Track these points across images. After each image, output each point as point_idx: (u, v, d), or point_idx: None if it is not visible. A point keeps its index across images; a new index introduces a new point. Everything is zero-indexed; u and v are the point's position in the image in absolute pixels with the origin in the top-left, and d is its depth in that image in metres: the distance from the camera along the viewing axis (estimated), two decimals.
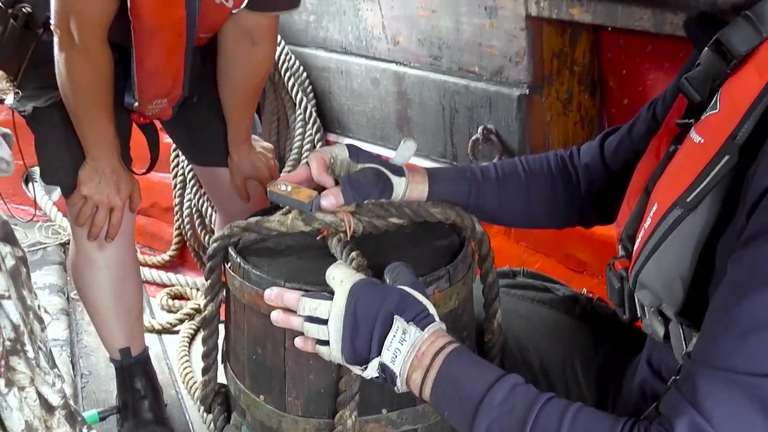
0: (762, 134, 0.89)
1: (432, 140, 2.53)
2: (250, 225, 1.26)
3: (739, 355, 0.82)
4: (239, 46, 1.96)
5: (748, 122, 0.90)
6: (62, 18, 1.73)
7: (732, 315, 0.83)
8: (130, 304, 2.18)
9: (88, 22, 1.74)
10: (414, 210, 1.29)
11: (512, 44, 2.23)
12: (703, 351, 0.86)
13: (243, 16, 1.88)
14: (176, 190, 3.02)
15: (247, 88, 2.05)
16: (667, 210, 0.98)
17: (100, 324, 2.19)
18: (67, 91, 1.83)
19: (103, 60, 1.81)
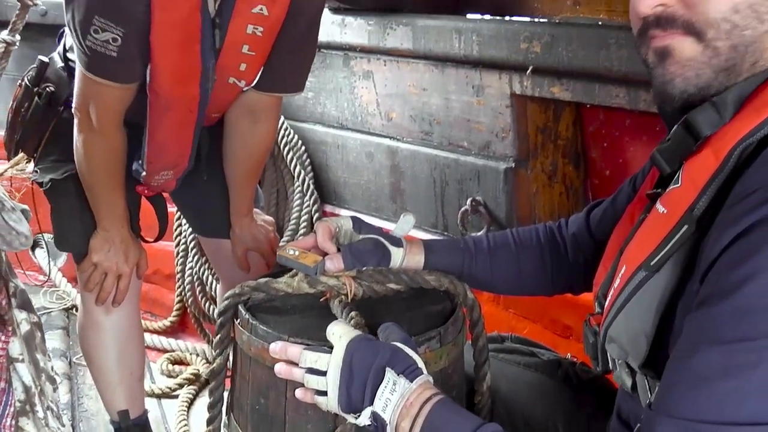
0: (716, 208, 0.98)
1: (424, 211, 2.60)
2: (260, 285, 1.37)
3: (691, 405, 0.90)
4: (244, 123, 2.05)
5: (704, 197, 1.00)
6: (83, 103, 1.84)
7: (685, 369, 0.92)
8: (132, 367, 2.23)
9: (106, 108, 1.84)
10: (411, 277, 1.39)
11: (498, 120, 2.33)
12: (661, 401, 0.95)
13: (249, 96, 1.99)
14: (178, 257, 3.08)
15: (249, 163, 2.13)
16: (634, 272, 1.07)
17: (102, 385, 2.23)
18: (84, 168, 1.93)
19: (118, 141, 1.91)
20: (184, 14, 1.73)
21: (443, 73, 2.45)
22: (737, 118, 1.01)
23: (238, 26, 1.81)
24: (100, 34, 1.69)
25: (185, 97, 1.86)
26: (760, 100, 0.99)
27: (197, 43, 1.77)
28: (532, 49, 2.14)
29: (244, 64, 1.88)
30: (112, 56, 1.72)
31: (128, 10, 1.69)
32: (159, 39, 1.74)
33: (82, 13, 1.69)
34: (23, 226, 1.58)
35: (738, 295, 0.88)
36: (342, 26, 2.64)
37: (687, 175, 1.05)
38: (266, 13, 1.81)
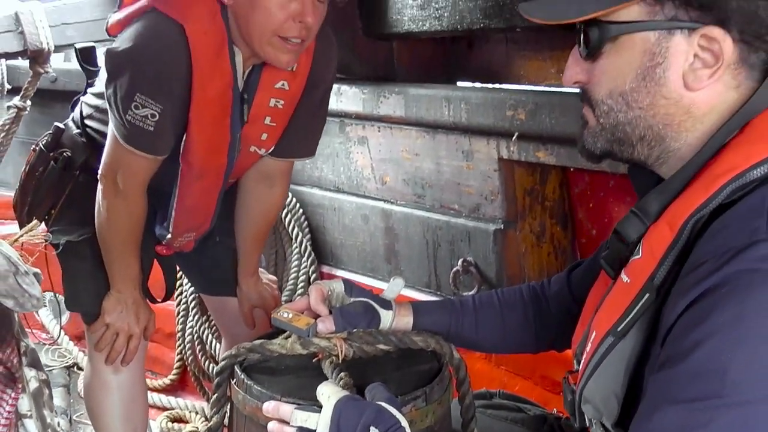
0: (674, 277, 1.06)
1: (417, 271, 2.65)
2: (255, 347, 1.44)
3: None
4: (260, 188, 2.16)
5: (662, 267, 1.08)
6: (111, 170, 1.93)
7: (645, 428, 0.99)
8: (136, 425, 2.27)
9: (135, 176, 1.93)
10: (399, 338, 1.46)
11: (487, 184, 2.40)
12: None
13: (265, 161, 2.10)
14: (179, 317, 3.11)
15: (260, 224, 2.23)
16: (603, 337, 1.14)
17: None
18: (104, 231, 2.01)
19: (140, 208, 2.00)
20: (219, 91, 1.86)
21: (434, 139, 2.52)
22: (688, 193, 1.10)
23: (263, 100, 1.94)
24: (140, 110, 1.80)
25: (215, 166, 1.97)
26: (707, 177, 1.08)
27: (228, 116, 1.89)
28: (517, 116, 2.22)
29: (265, 133, 2.00)
30: (149, 130, 1.82)
31: (169, 89, 1.81)
32: (196, 115, 1.86)
33: (125, 90, 1.80)
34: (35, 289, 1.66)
35: (691, 359, 0.95)
36: (338, 94, 2.72)
37: (647, 246, 1.13)
38: (287, 88, 1.95)
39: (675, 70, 1.10)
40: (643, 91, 1.12)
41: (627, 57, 1.12)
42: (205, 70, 1.82)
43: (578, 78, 1.19)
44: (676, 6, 1.08)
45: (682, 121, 1.12)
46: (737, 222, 1.01)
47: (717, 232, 1.03)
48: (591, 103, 1.18)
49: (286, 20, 1.75)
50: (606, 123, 1.16)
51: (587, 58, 1.16)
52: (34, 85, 3.47)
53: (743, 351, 0.93)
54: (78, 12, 3.39)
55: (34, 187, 2.13)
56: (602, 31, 1.12)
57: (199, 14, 1.81)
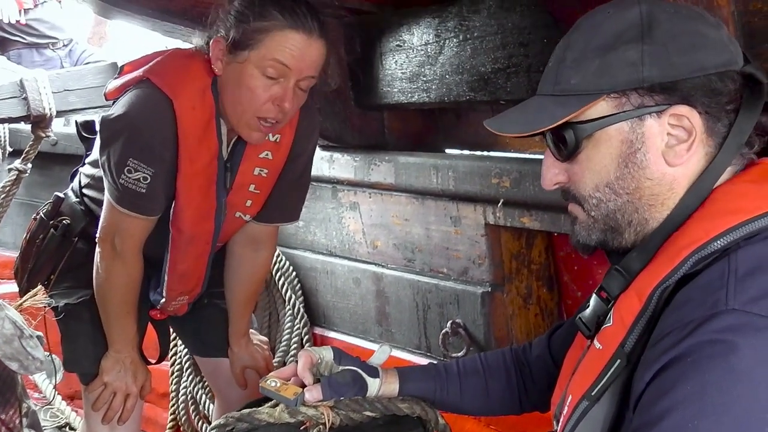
0: (645, 343, 1.12)
1: (407, 333, 2.68)
2: (243, 416, 1.49)
3: None
4: (246, 252, 2.23)
5: (632, 335, 1.15)
6: (109, 233, 2.00)
7: None
8: None
9: (130, 236, 2.00)
10: (385, 405, 1.51)
11: (475, 248, 2.44)
12: None
13: (251, 227, 2.18)
14: (173, 377, 3.13)
15: (248, 287, 2.29)
16: (578, 401, 1.20)
17: None
18: (103, 293, 2.07)
19: (138, 268, 2.07)
20: (205, 162, 1.95)
21: (423, 205, 2.58)
22: (654, 264, 1.16)
23: (247, 169, 2.03)
24: (132, 173, 1.88)
25: (203, 231, 2.04)
26: (672, 249, 1.15)
27: (213, 184, 1.98)
28: (503, 183, 2.28)
29: (250, 200, 2.08)
30: (141, 192, 1.90)
31: (159, 155, 1.89)
32: (184, 185, 1.94)
33: (119, 155, 1.89)
34: (39, 352, 1.72)
35: (659, 428, 1.01)
36: (331, 162, 2.79)
37: (617, 315, 1.20)
38: (271, 157, 2.04)
39: (653, 151, 1.17)
40: (628, 178, 1.18)
41: (606, 150, 1.18)
42: (192, 142, 1.91)
43: (558, 180, 1.25)
44: (641, 94, 1.15)
45: (666, 199, 1.19)
46: (699, 294, 1.08)
47: (681, 304, 1.09)
48: (577, 200, 1.24)
49: (266, 102, 1.84)
50: (597, 215, 1.22)
51: (565, 160, 1.22)
52: (35, 149, 3.56)
53: (707, 421, 0.98)
54: (80, 79, 3.50)
55: (34, 254, 2.20)
56: (577, 132, 1.19)
57: (190, 89, 1.90)
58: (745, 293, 1.03)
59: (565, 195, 1.27)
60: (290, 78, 1.82)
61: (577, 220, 1.26)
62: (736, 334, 0.99)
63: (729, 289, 1.04)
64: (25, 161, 3.57)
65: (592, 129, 1.18)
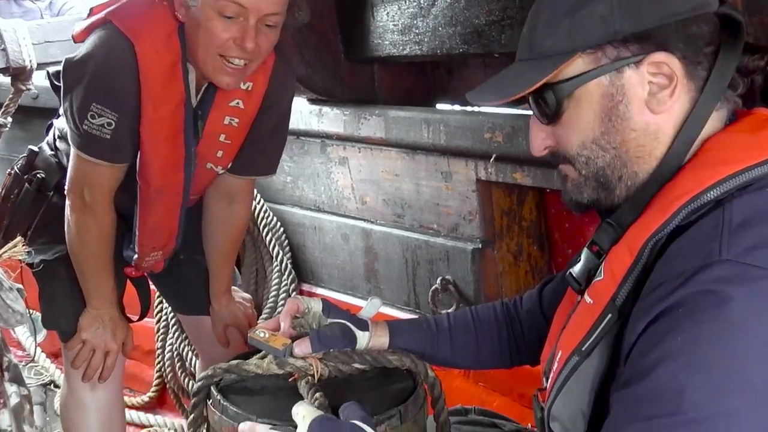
0: (636, 297, 1.10)
1: (397, 290, 2.67)
2: (231, 367, 1.45)
3: None
4: (221, 205, 2.17)
5: (623, 288, 1.13)
6: (77, 183, 1.95)
7: None
8: None
9: (99, 186, 1.95)
10: (374, 357, 1.48)
11: (465, 204, 2.43)
12: None
13: (225, 179, 2.11)
14: (158, 334, 3.10)
15: (227, 243, 2.24)
16: (568, 356, 1.18)
17: None
18: (75, 247, 2.02)
19: (108, 221, 2.01)
20: (170, 110, 1.88)
21: (414, 160, 2.55)
22: (646, 217, 1.14)
23: (217, 118, 1.96)
24: (96, 119, 1.82)
25: (172, 183, 1.98)
26: (664, 200, 1.12)
27: (181, 132, 1.91)
28: (495, 138, 2.26)
29: (221, 151, 2.02)
30: (106, 138, 1.85)
31: (123, 100, 1.83)
32: (148, 134, 1.88)
33: (81, 99, 1.83)
34: (19, 304, 1.67)
35: (650, 378, 0.99)
36: (319, 116, 2.75)
37: (608, 268, 1.18)
38: (242, 107, 1.97)
39: (636, 102, 1.15)
40: (612, 132, 1.17)
41: (588, 106, 1.17)
42: (155, 87, 1.85)
43: (546, 144, 1.24)
44: (615, 47, 1.14)
45: (653, 149, 1.17)
46: (692, 245, 1.06)
47: (673, 255, 1.07)
48: (567, 160, 1.22)
49: (227, 41, 1.78)
50: (588, 172, 1.20)
51: (550, 123, 1.21)
52: (15, 102, 3.47)
53: (699, 371, 0.97)
54: (62, 31, 3.40)
55: (9, 210, 2.15)
56: (557, 93, 1.17)
57: (153, 33, 1.84)
58: (739, 244, 1.01)
59: (554, 158, 1.25)
60: (249, 17, 1.76)
61: (567, 178, 1.25)
62: (730, 285, 0.98)
63: (723, 239, 1.03)
64: (4, 115, 3.48)
65: (572, 87, 1.17)
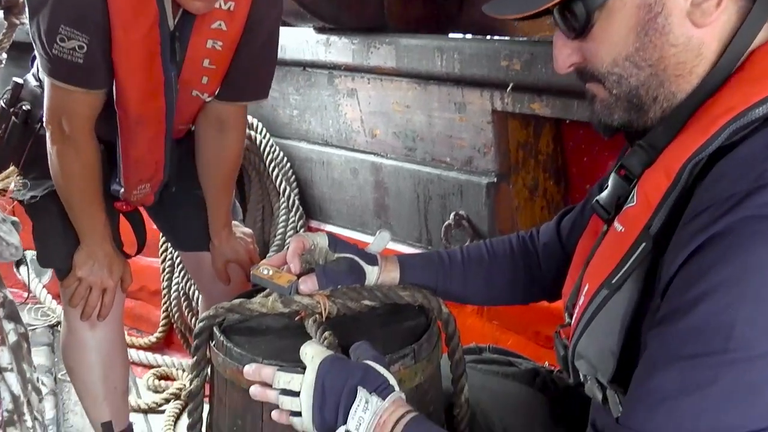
0: (672, 225, 1.01)
1: (408, 226, 2.62)
2: (234, 306, 1.37)
3: (652, 422, 0.94)
4: (211, 133, 2.07)
5: (659, 215, 1.03)
6: (54, 114, 1.86)
7: (646, 386, 0.95)
8: (116, 382, 2.24)
9: (77, 117, 1.86)
10: (385, 293, 1.40)
11: (480, 136, 2.36)
12: (626, 417, 0.98)
13: (214, 106, 2.02)
14: (164, 273, 3.08)
15: (221, 173, 2.15)
16: (596, 290, 1.09)
17: (87, 401, 2.24)
18: (60, 181, 1.94)
19: (90, 150, 1.92)
20: (143, 32, 1.78)
21: (426, 91, 2.48)
22: (684, 136, 1.04)
23: (198, 41, 1.86)
24: (66, 42, 1.72)
25: (153, 111, 1.89)
26: (705, 119, 1.02)
27: (158, 57, 1.81)
28: (512, 66, 2.17)
29: (205, 77, 1.93)
30: (78, 63, 1.75)
31: (92, 21, 1.73)
32: (121, 58, 1.78)
33: (48, 22, 1.72)
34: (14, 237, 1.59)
35: (694, 313, 0.91)
36: (327, 45, 2.66)
37: (641, 193, 1.08)
38: (225, 28, 1.87)
39: (676, 13, 1.03)
40: (649, 47, 1.05)
41: (621, 19, 1.05)
42: (125, 9, 1.74)
43: (572, 60, 1.12)
44: None
45: (694, 67, 1.05)
46: (740, 166, 0.96)
47: (718, 178, 0.98)
48: (596, 78, 1.11)
49: None
50: (619, 92, 1.09)
51: (577, 37, 1.09)
52: (9, 38, 3.34)
53: (749, 305, 0.89)
54: None
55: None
56: (587, 3, 1.06)
57: None
58: None
59: (581, 76, 1.14)
60: None
61: (596, 98, 1.14)
62: None
63: None
64: None
65: None
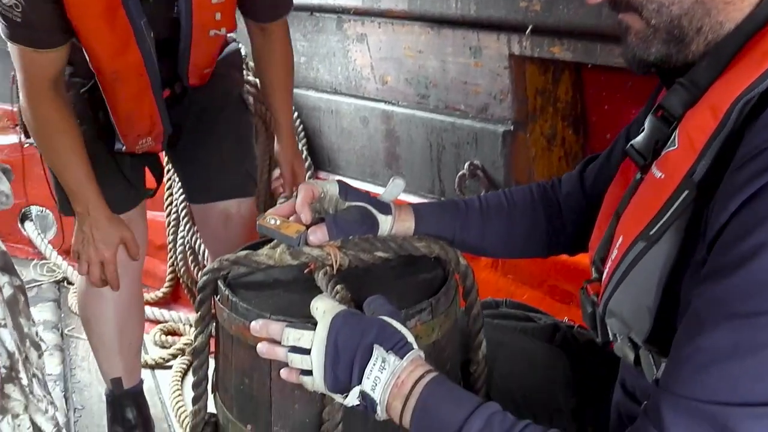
0: (719, 171, 0.92)
1: (420, 177, 2.57)
2: (239, 258, 1.29)
3: (702, 385, 0.85)
4: (257, 41, 2.14)
5: (704, 159, 0.93)
6: (18, 73, 1.80)
7: (694, 346, 0.86)
8: (131, 338, 2.22)
9: (36, 77, 1.79)
10: (399, 244, 1.32)
11: (496, 82, 2.29)
12: (669, 380, 0.89)
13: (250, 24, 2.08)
14: (170, 227, 3.04)
15: (273, 77, 2.19)
16: (632, 243, 1.01)
17: (101, 355, 2.21)
18: (39, 144, 1.89)
19: (62, 111, 1.85)
20: None
21: (439, 35, 2.40)
22: (732, 72, 0.94)
23: None
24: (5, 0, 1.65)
25: (128, 65, 1.82)
26: (756, 53, 0.92)
27: (120, 8, 1.72)
28: (532, 7, 2.09)
29: (218, 13, 1.89)
30: (17, 21, 1.68)
31: None
32: (75, 14, 1.70)
33: None
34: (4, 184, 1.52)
35: (749, 267, 0.82)
36: None
37: (684, 135, 0.98)
38: None
39: None
40: None
41: None
42: None
43: None
44: None
45: None
46: None
47: None
48: (631, 7, 1.01)
49: None
50: (659, 22, 0.99)
51: None
52: None
53: None
54: None
55: None
56: None
57: None
58: None
59: (615, 5, 1.04)
60: None
61: (631, 30, 1.04)
62: None
63: None
64: None
65: None
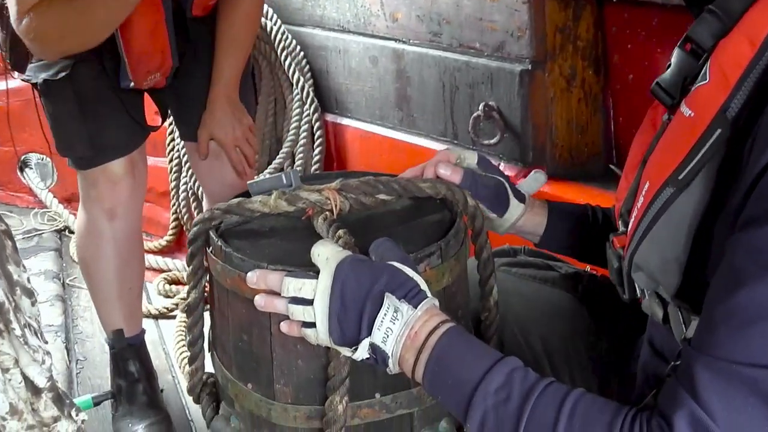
0: (756, 106, 0.83)
1: (432, 119, 2.51)
2: (232, 207, 1.22)
3: (741, 347, 0.77)
4: None
5: (739, 94, 0.85)
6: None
7: (732, 303, 0.78)
8: (132, 282, 2.18)
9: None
10: (402, 185, 1.26)
11: (514, 19, 2.20)
12: (703, 340, 0.81)
13: None
14: (172, 173, 3.01)
15: (230, 28, 2.05)
16: (659, 189, 0.93)
17: (100, 300, 2.18)
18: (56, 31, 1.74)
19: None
20: None
21: None
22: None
23: None
24: None
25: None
26: None
27: None
28: None
29: None
30: None
31: None
32: None
33: None
34: None
35: None
36: None
37: (716, 69, 0.89)
38: None
39: None
40: None
41: None
42: None
43: None
44: None
45: None
46: None
47: None
48: None
49: None
50: None
51: None
52: None
53: None
54: None
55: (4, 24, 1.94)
56: None
57: None
58: None
59: None
60: None
61: None
62: None
63: None
64: None
65: None
